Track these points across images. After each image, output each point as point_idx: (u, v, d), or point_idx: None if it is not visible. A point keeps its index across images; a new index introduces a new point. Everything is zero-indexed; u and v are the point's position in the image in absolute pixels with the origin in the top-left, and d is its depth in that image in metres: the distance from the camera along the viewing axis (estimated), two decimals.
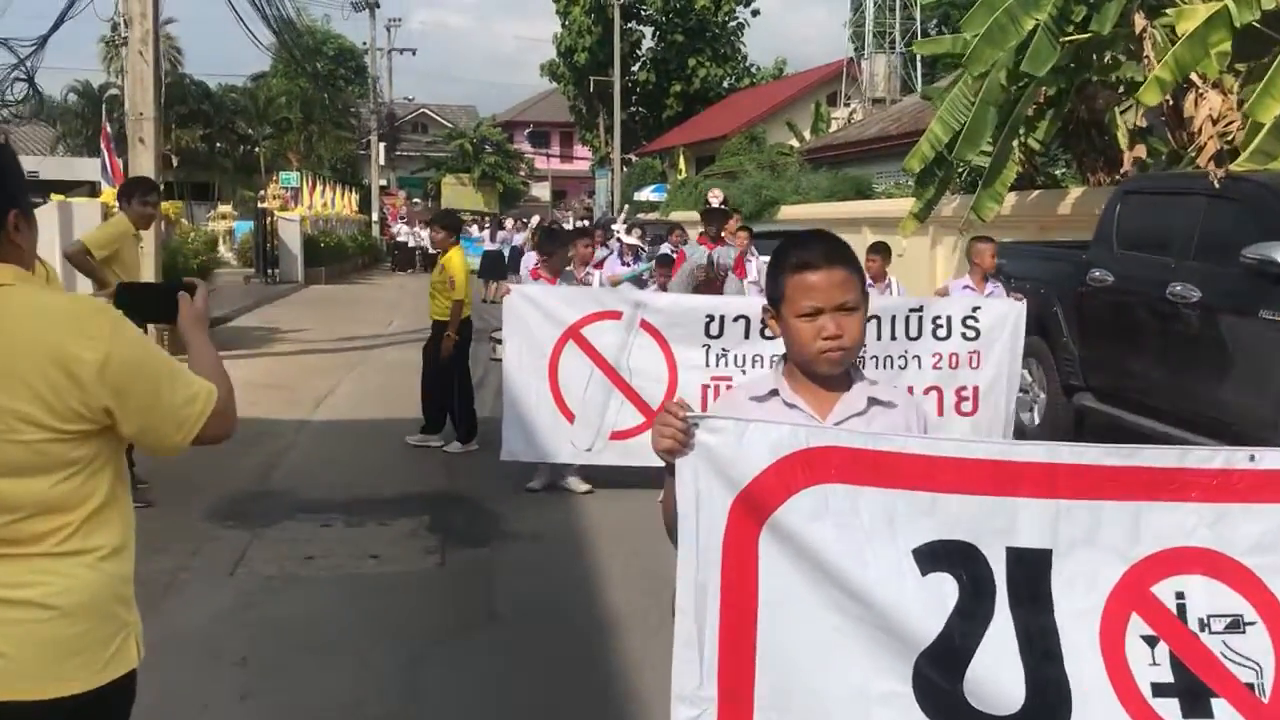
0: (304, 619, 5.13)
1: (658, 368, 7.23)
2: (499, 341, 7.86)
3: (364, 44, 45.03)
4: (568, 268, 9.53)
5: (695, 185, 35.83)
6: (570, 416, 7.24)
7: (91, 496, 2.03)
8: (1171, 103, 10.64)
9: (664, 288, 10.21)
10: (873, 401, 2.28)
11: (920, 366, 7.29)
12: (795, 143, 35.50)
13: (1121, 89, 11.92)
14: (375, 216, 42.82)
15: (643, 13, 51.33)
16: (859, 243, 19.11)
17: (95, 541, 2.04)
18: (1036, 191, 13.42)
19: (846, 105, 41.15)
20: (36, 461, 1.95)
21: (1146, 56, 10.52)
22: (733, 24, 52.94)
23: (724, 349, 7.22)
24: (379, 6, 43.27)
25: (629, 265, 13.27)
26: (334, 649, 4.75)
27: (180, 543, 6.16)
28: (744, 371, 7.08)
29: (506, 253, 25.57)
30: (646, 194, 41.87)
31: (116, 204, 8.24)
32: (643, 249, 15.19)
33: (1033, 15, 10.32)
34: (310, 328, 17.59)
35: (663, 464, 2.14)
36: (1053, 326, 8.36)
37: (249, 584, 5.60)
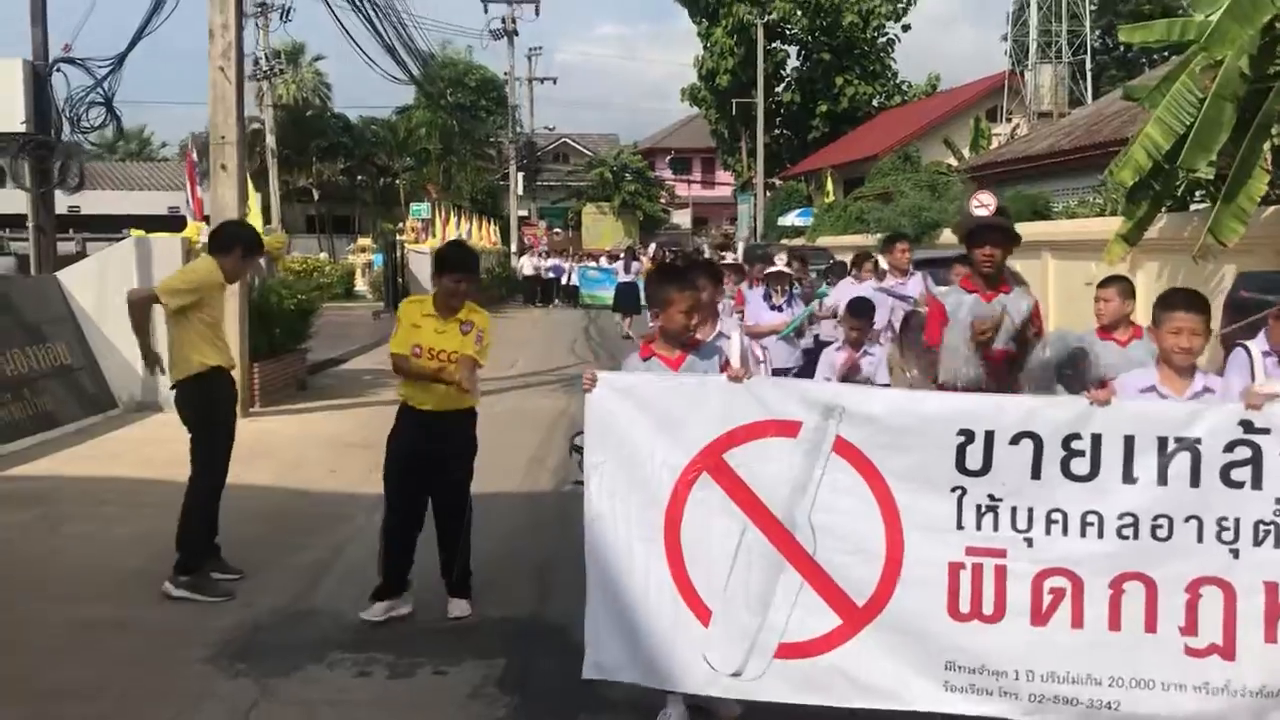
0: None
1: (866, 528, 4.04)
2: (579, 450, 4.52)
3: (505, 74, 44.26)
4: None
5: (844, 208, 33.69)
6: (705, 614, 4.13)
7: None
8: None
9: (854, 349, 7.30)
10: None
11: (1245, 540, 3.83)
12: (954, 161, 33.01)
13: None
14: (514, 247, 41.91)
15: (787, 31, 49.45)
16: (1038, 270, 16.87)
17: None
18: (1272, 208, 10.93)
19: (1008, 120, 38.38)
20: None
21: None
22: (882, 40, 50.55)
23: (992, 497, 3.97)
24: (518, 34, 42.49)
25: (782, 309, 9.18)
26: None
27: (164, 702, 4.55)
28: (1029, 542, 3.92)
29: (642, 285, 23.95)
30: (792, 218, 39.91)
31: (205, 243, 7.09)
32: (798, 284, 10.26)
33: None
34: None
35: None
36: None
37: None
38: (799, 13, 47.80)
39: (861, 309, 7.42)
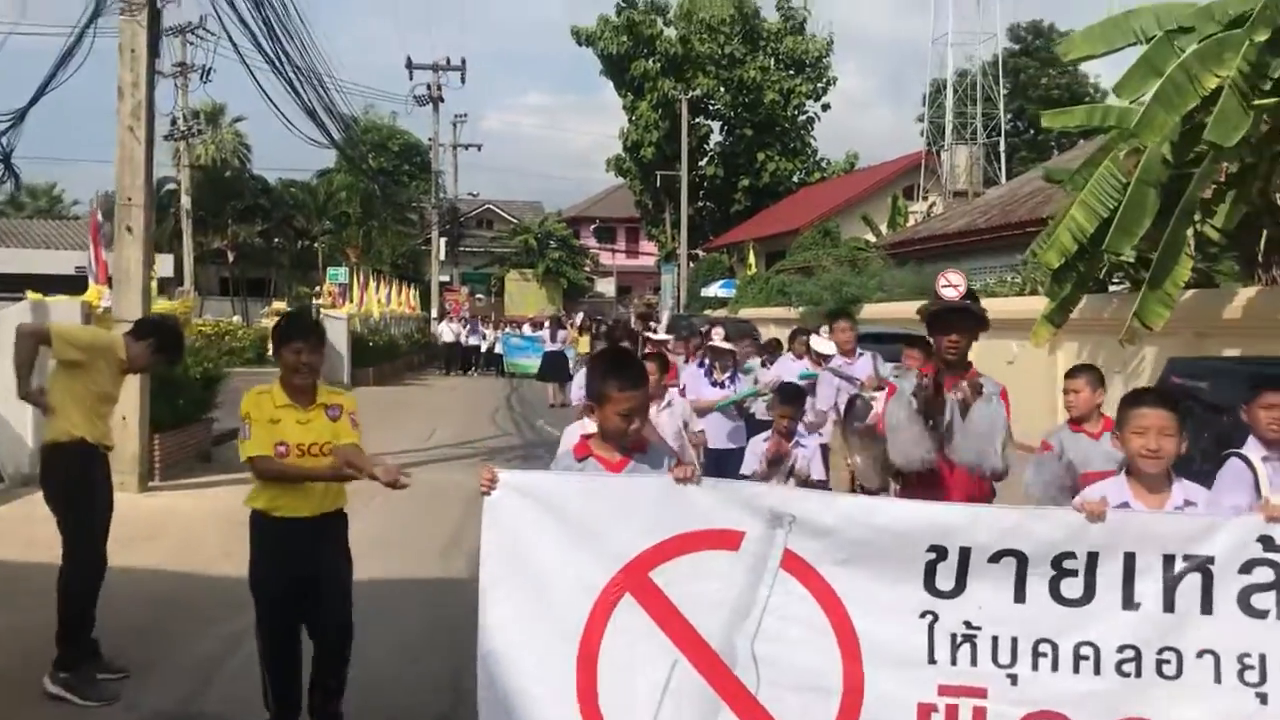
0: None
1: (819, 662, 3.43)
2: None
3: (429, 139, 44.08)
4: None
5: (766, 281, 33.90)
6: None
7: None
8: None
9: (784, 438, 6.36)
10: None
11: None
12: (872, 237, 33.53)
13: None
14: (435, 313, 41.40)
15: (710, 107, 50.22)
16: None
17: None
18: (1191, 291, 11.06)
19: (925, 198, 39.19)
20: None
21: None
22: (802, 118, 51.57)
23: (969, 624, 3.39)
24: (443, 101, 42.41)
25: (724, 385, 8.71)
26: None
27: None
28: (1013, 679, 3.34)
29: (571, 355, 23.63)
30: (715, 289, 40.16)
31: (107, 307, 6.73)
32: (734, 358, 9.29)
33: (1216, 72, 8.16)
34: None
35: None
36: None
37: None
38: (722, 89, 48.62)
39: (792, 394, 6.64)
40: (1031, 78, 53.69)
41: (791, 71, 49.76)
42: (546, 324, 28.46)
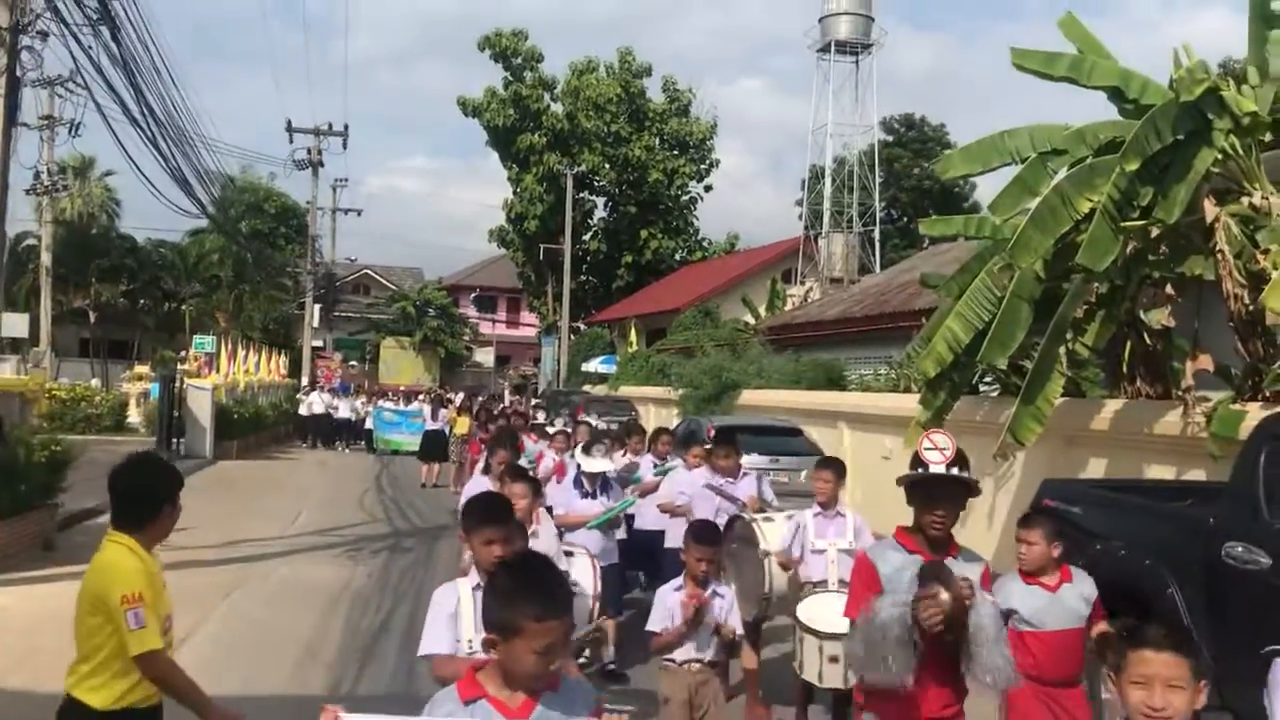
0: None
1: None
2: None
3: (307, 203, 43.22)
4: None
5: (647, 359, 33.97)
6: None
7: None
8: (1246, 304, 8.72)
9: (699, 586, 5.49)
10: None
11: None
12: (751, 319, 33.95)
13: (1168, 287, 9.97)
14: (305, 381, 40.18)
15: (595, 183, 50.68)
16: (834, 440, 17.09)
17: None
18: (1061, 399, 11.33)
19: (802, 283, 39.98)
20: None
21: (1219, 251, 8.65)
22: (685, 198, 52.41)
23: None
24: (323, 165, 41.68)
25: (595, 495, 8.15)
26: None
27: None
28: None
29: (448, 432, 23.01)
30: (595, 365, 40.03)
31: None
32: (610, 464, 8.81)
33: (1088, 197, 8.40)
34: (197, 524, 14.65)
35: None
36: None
37: None
38: (607, 166, 49.13)
39: (708, 535, 5.70)
40: (904, 167, 55.67)
41: (676, 152, 50.62)
42: (424, 399, 27.72)
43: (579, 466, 8.36)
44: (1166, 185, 8.38)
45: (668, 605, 5.50)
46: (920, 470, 4.03)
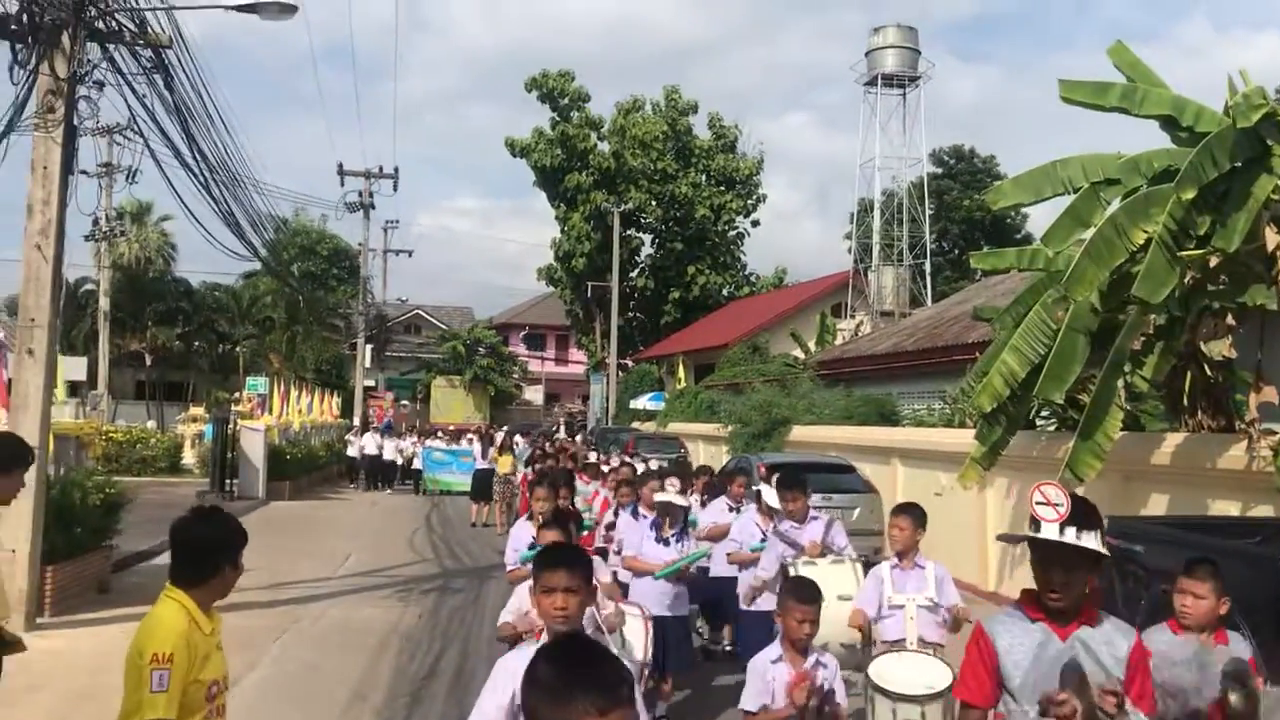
0: None
1: None
2: None
3: (359, 245, 43.81)
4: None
5: (695, 395, 33.86)
6: None
7: None
8: None
9: (802, 655, 4.97)
10: None
11: None
12: (800, 354, 33.75)
13: (1229, 317, 9.72)
14: (357, 421, 40.49)
15: (642, 220, 50.86)
16: (887, 477, 16.84)
17: None
18: (1120, 434, 11.07)
19: (852, 317, 39.73)
20: None
21: None
22: (732, 233, 52.43)
23: None
24: (374, 208, 42.20)
25: (669, 543, 7.59)
26: None
27: None
28: None
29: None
30: (644, 402, 39.99)
31: None
32: (686, 515, 8.21)
33: (1143, 228, 8.23)
34: (250, 566, 14.63)
35: None
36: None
37: None
38: (654, 203, 49.33)
39: (810, 592, 5.03)
40: (955, 199, 55.32)
41: (722, 188, 50.72)
42: (474, 438, 27.60)
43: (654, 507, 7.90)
44: (1225, 213, 8.19)
45: (766, 679, 4.89)
46: (1032, 530, 3.37)
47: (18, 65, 9.83)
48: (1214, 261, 8.74)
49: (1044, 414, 13.23)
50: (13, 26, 9.76)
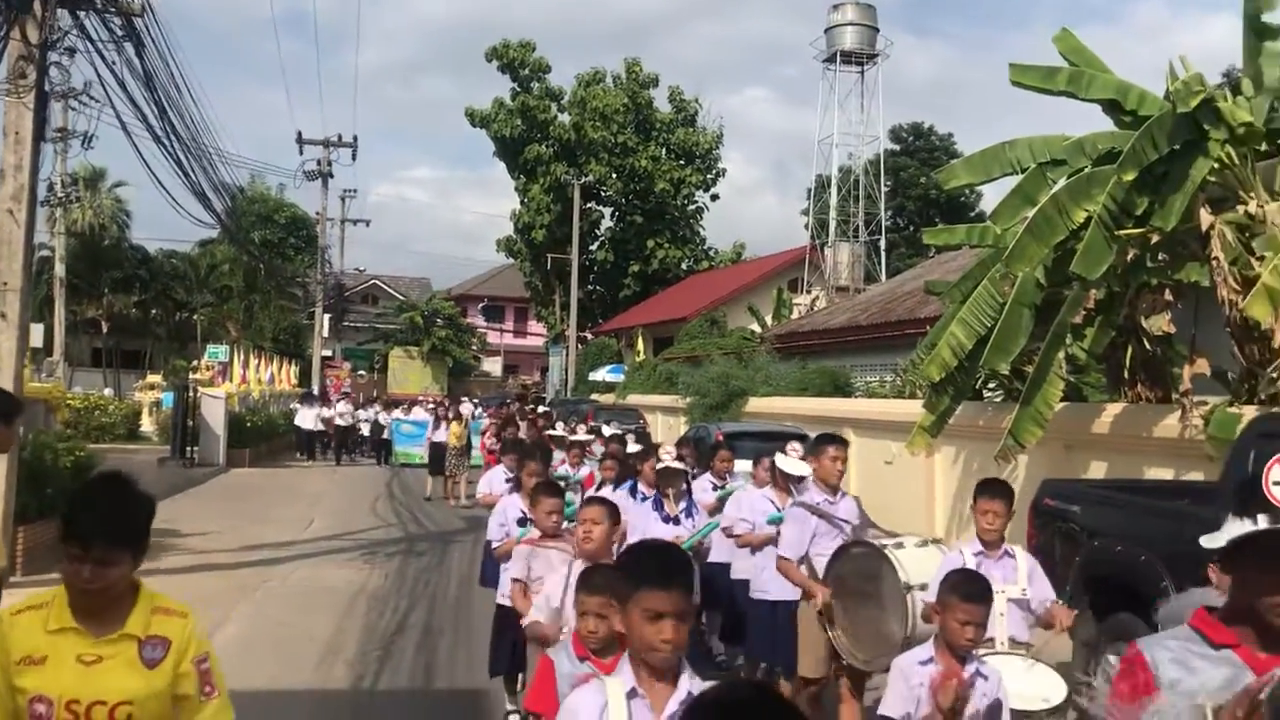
0: None
1: None
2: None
3: (316, 214, 43.58)
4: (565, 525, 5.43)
5: (654, 368, 34.21)
6: None
7: None
8: (1241, 309, 8.95)
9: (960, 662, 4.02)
10: None
11: None
12: (757, 328, 34.21)
13: (1167, 293, 10.22)
14: (316, 389, 40.45)
15: (602, 194, 50.99)
16: None
17: None
18: (1061, 404, 11.57)
19: (808, 292, 40.22)
20: None
21: (1215, 258, 8.89)
22: (691, 208, 52.73)
23: None
24: (332, 176, 42.03)
25: (679, 520, 7.18)
26: None
27: None
28: None
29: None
30: (603, 374, 40.27)
31: None
32: (687, 480, 7.87)
33: (1084, 207, 8.66)
34: (215, 529, 15.07)
35: None
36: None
37: None
38: (614, 176, 49.47)
39: (980, 590, 4.06)
40: (912, 176, 55.95)
41: (682, 161, 50.92)
42: (431, 406, 27.47)
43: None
44: (1164, 194, 8.63)
45: (912, 683, 4.09)
46: (1271, 520, 2.36)
47: None
48: (1153, 240, 9.19)
49: (990, 385, 13.73)
50: None
